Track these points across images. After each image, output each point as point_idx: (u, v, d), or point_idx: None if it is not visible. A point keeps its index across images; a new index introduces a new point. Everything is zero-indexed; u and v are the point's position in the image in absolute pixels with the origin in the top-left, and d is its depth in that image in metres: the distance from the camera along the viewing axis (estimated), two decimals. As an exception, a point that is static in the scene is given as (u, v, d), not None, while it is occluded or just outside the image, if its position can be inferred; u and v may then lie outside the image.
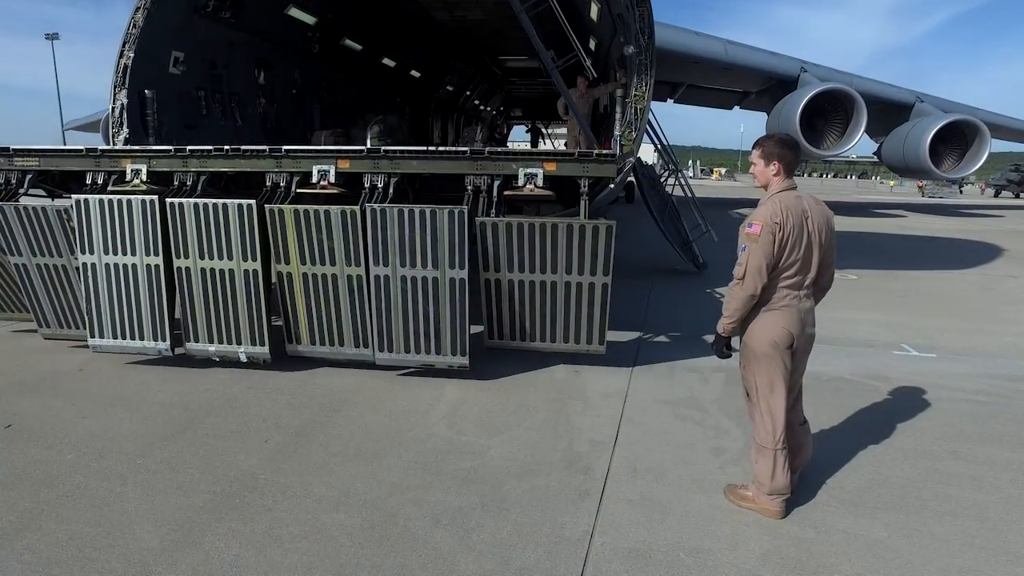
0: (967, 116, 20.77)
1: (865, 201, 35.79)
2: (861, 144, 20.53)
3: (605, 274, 5.46)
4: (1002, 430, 4.79)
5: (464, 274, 5.32)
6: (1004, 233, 19.64)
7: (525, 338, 5.84)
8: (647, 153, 21.02)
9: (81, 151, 6.07)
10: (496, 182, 5.65)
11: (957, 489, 3.92)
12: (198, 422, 4.72)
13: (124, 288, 5.71)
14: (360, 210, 5.31)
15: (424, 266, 5.34)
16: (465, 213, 5.23)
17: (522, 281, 5.59)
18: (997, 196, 45.36)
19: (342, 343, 5.69)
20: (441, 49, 19.22)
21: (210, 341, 5.74)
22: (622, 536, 3.41)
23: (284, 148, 5.80)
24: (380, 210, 5.28)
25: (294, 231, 5.40)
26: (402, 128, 15.98)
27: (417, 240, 5.28)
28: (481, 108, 31.78)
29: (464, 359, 5.52)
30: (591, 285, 5.53)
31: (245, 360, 5.74)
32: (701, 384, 5.68)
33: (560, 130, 39.04)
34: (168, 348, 5.80)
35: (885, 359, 6.49)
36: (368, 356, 5.67)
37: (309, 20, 12.00)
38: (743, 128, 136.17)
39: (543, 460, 4.23)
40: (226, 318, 5.67)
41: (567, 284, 5.55)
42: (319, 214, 5.33)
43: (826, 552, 3.29)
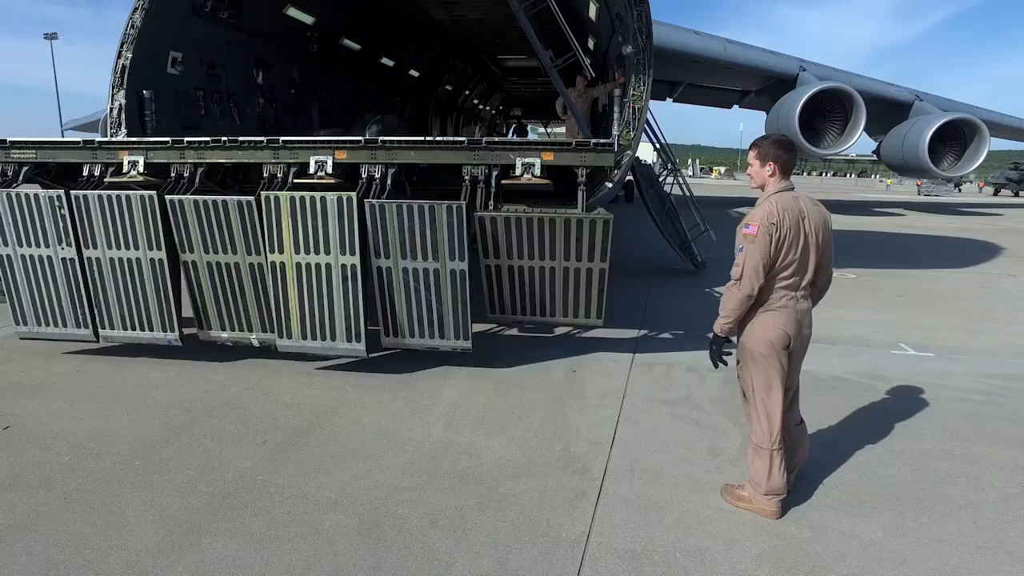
0: (966, 115, 20.80)
1: (864, 200, 35.80)
2: (860, 143, 20.52)
3: (603, 261, 5.57)
4: (998, 430, 4.80)
5: (464, 265, 5.39)
6: (1002, 231, 19.66)
7: (525, 312, 6.00)
8: (646, 152, 20.99)
9: (78, 143, 6.04)
10: (494, 172, 5.65)
11: (953, 489, 3.93)
12: (196, 423, 4.73)
13: (129, 282, 5.81)
14: (358, 202, 5.31)
15: (425, 258, 5.40)
16: (464, 208, 5.26)
17: (522, 267, 5.72)
18: (996, 194, 45.38)
19: (334, 338, 5.61)
20: (440, 48, 19.22)
21: (222, 329, 5.92)
22: (619, 536, 3.42)
23: (281, 139, 5.78)
24: (379, 205, 5.30)
25: (289, 218, 5.40)
26: (401, 128, 15.95)
27: (417, 234, 5.33)
28: (480, 107, 31.77)
29: (467, 343, 5.63)
30: (588, 271, 5.66)
31: (257, 345, 5.92)
32: (699, 384, 5.69)
33: (559, 129, 39.07)
34: (177, 338, 5.93)
35: (883, 358, 6.50)
36: (360, 352, 5.62)
37: (307, 20, 11.99)
38: (742, 127, 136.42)
39: (540, 460, 4.24)
40: (236, 308, 5.82)
41: (565, 269, 5.68)
42: (315, 200, 5.34)
43: (822, 552, 3.30)
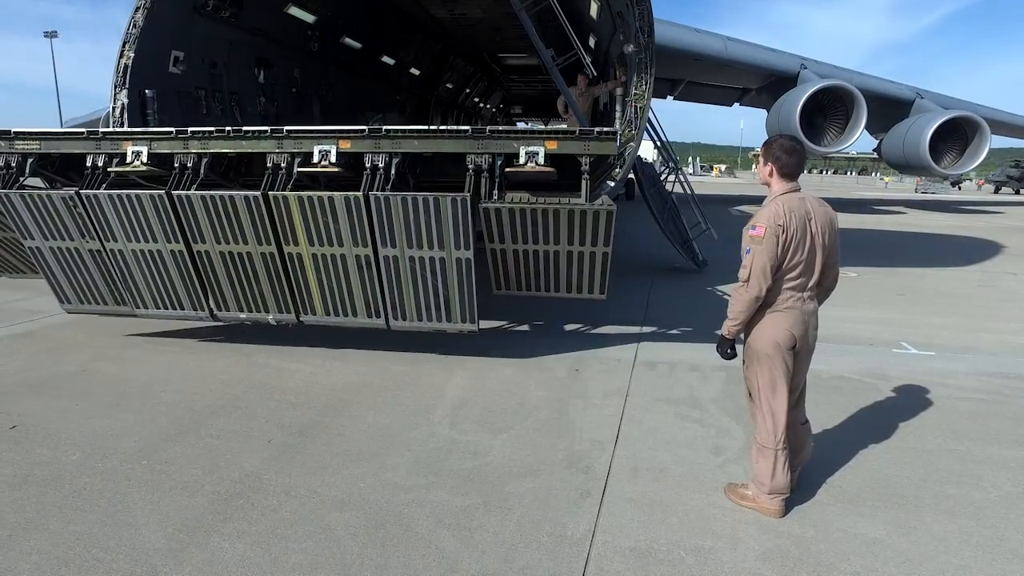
0: (967, 112, 20.78)
1: (864, 198, 35.81)
2: (861, 140, 20.53)
3: (606, 245, 5.65)
4: (1000, 429, 4.83)
5: (470, 254, 5.49)
6: (1003, 230, 19.68)
7: (530, 288, 6.16)
8: (647, 150, 21.01)
9: (82, 134, 6.01)
10: (498, 161, 5.66)
11: (955, 488, 3.96)
12: (202, 423, 4.75)
13: (156, 270, 6.03)
14: (363, 197, 5.38)
15: (431, 248, 5.51)
16: (468, 200, 5.31)
17: (526, 250, 5.82)
18: (997, 192, 45.39)
19: (355, 314, 5.97)
20: (441, 47, 19.21)
21: (240, 310, 6.13)
22: (623, 535, 3.44)
23: (285, 128, 5.77)
24: (384, 198, 5.38)
25: (300, 216, 5.54)
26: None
27: (423, 225, 5.43)
28: (481, 105, 31.76)
29: (474, 325, 5.79)
30: (592, 254, 5.75)
31: (274, 323, 6.19)
32: (701, 383, 5.71)
33: (560, 127, 39.00)
34: (208, 315, 6.21)
35: (885, 357, 6.52)
36: (380, 324, 5.96)
37: (308, 19, 12.00)
38: (743, 124, 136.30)
39: (545, 460, 4.26)
40: (251, 292, 6.03)
41: (569, 253, 5.78)
42: (323, 200, 5.43)
43: (825, 551, 3.33)
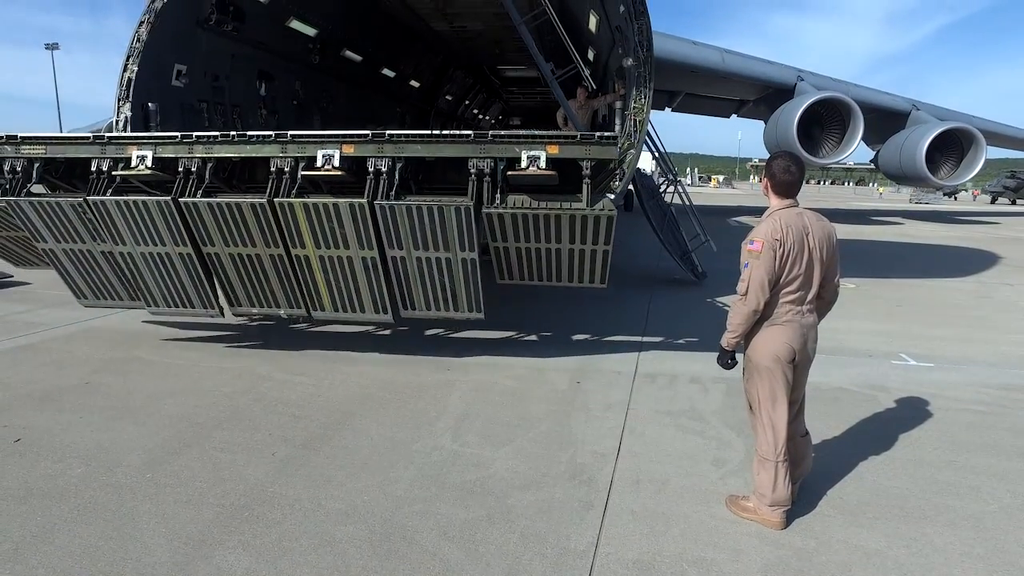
0: (963, 124, 20.97)
1: (861, 208, 35.96)
2: (858, 151, 20.68)
3: (607, 244, 5.79)
4: (1000, 440, 4.86)
5: (475, 255, 5.66)
6: (1000, 240, 19.77)
7: (532, 278, 6.30)
8: (645, 162, 21.11)
9: (88, 138, 6.08)
10: (500, 165, 5.71)
11: (956, 499, 3.98)
12: (205, 435, 4.77)
13: (165, 271, 6.21)
14: (368, 204, 5.50)
15: (436, 250, 5.68)
16: (471, 209, 5.42)
17: (528, 248, 5.97)
18: (993, 203, 45.62)
19: (363, 310, 6.18)
20: (440, 59, 19.33)
21: (252, 305, 6.38)
22: (626, 547, 3.46)
23: (289, 133, 5.84)
24: (389, 207, 5.51)
25: (306, 223, 5.68)
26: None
27: (427, 231, 5.59)
28: (480, 117, 31.89)
29: (480, 314, 6.03)
30: (593, 251, 5.90)
31: (286, 317, 6.55)
32: (702, 395, 5.74)
33: (562, 132, 39.10)
34: (218, 312, 6.47)
35: (883, 369, 6.56)
36: (388, 319, 6.20)
37: (310, 32, 12.09)
38: (741, 136, 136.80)
39: (547, 472, 4.29)
40: (262, 290, 6.24)
41: (570, 250, 5.94)
42: (328, 207, 5.57)
43: (826, 562, 3.35)
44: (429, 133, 5.77)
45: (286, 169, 5.79)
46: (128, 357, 6.60)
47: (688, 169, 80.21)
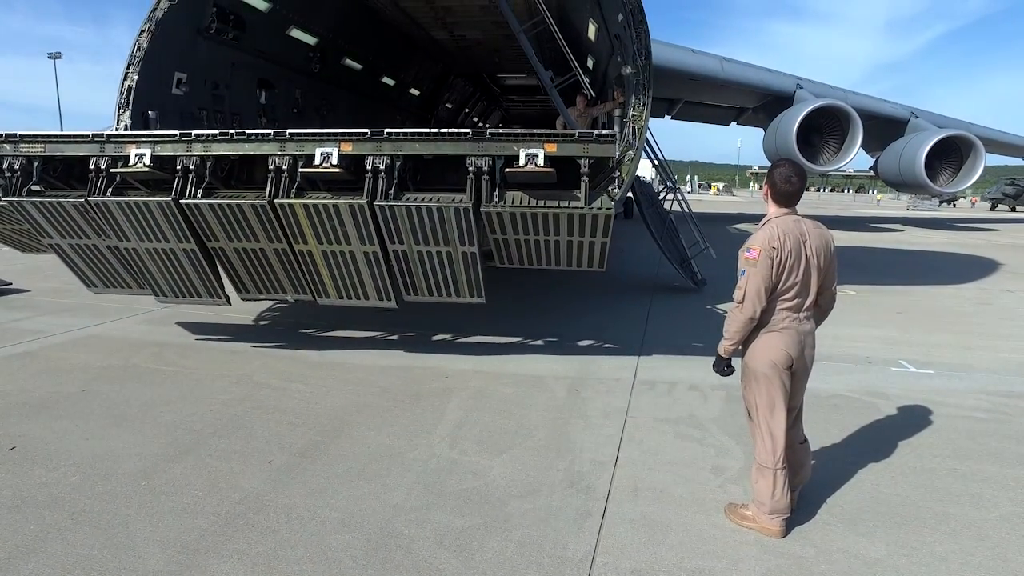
0: (962, 131, 20.99)
1: (861, 215, 35.99)
2: (858, 159, 20.72)
3: (604, 237, 5.88)
4: (1000, 447, 4.83)
5: (475, 248, 5.79)
6: (999, 247, 19.77)
7: (532, 263, 6.39)
8: (645, 169, 21.16)
9: (86, 136, 6.06)
10: (498, 163, 5.73)
11: (956, 507, 3.96)
12: (201, 443, 4.75)
13: (171, 265, 6.36)
14: (368, 205, 5.59)
15: (437, 244, 5.81)
16: (470, 209, 5.52)
17: (527, 240, 6.07)
18: (993, 209, 45.67)
19: (367, 297, 6.40)
20: (440, 67, 19.40)
21: (259, 292, 6.60)
22: (624, 556, 3.43)
23: (288, 131, 5.84)
24: (389, 208, 5.61)
25: (307, 222, 5.78)
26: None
27: (427, 229, 5.71)
28: (480, 125, 32.01)
29: (481, 299, 6.26)
30: (591, 243, 6.01)
31: (293, 301, 6.76)
32: (701, 403, 5.72)
33: (559, 130, 39.26)
34: (224, 302, 6.70)
35: (883, 376, 6.54)
36: (392, 305, 6.43)
37: (310, 40, 12.14)
38: (740, 143, 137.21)
39: (545, 480, 4.26)
40: (268, 279, 6.44)
41: (569, 242, 6.04)
42: (328, 208, 5.66)
43: (826, 571, 3.32)
44: (427, 131, 5.76)
45: (284, 167, 5.80)
46: (125, 365, 6.58)
47: (688, 176, 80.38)
